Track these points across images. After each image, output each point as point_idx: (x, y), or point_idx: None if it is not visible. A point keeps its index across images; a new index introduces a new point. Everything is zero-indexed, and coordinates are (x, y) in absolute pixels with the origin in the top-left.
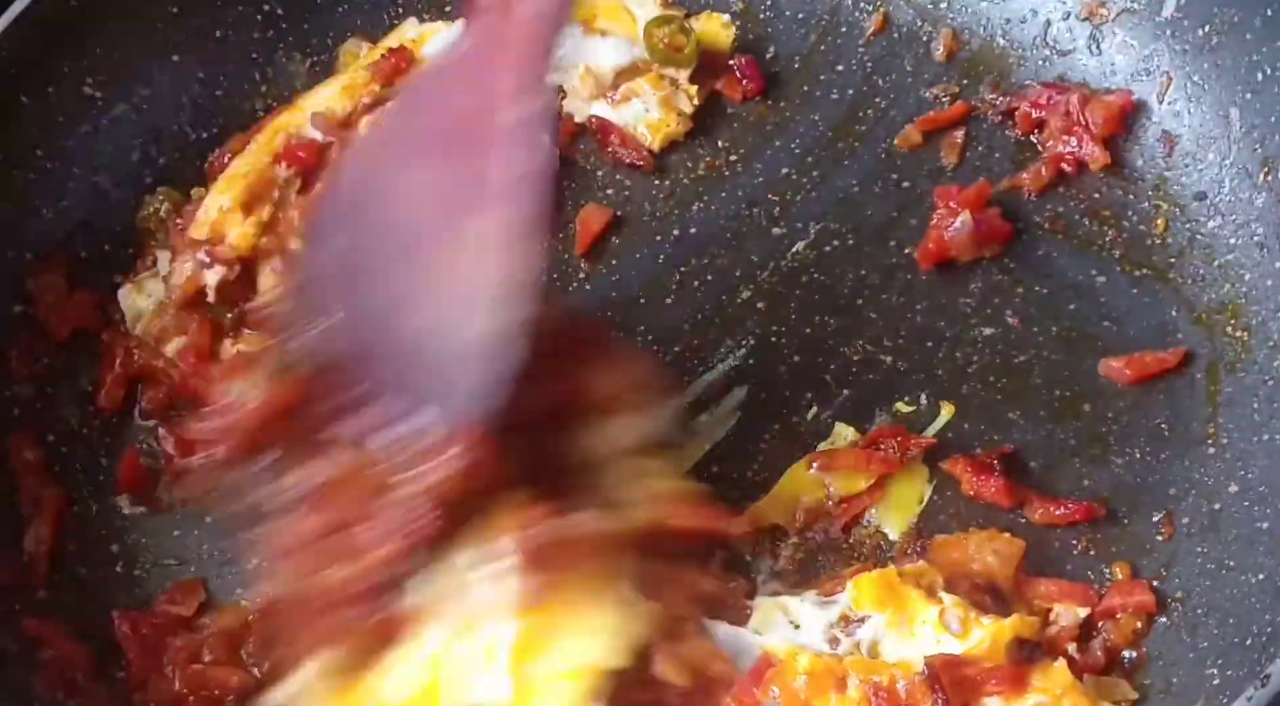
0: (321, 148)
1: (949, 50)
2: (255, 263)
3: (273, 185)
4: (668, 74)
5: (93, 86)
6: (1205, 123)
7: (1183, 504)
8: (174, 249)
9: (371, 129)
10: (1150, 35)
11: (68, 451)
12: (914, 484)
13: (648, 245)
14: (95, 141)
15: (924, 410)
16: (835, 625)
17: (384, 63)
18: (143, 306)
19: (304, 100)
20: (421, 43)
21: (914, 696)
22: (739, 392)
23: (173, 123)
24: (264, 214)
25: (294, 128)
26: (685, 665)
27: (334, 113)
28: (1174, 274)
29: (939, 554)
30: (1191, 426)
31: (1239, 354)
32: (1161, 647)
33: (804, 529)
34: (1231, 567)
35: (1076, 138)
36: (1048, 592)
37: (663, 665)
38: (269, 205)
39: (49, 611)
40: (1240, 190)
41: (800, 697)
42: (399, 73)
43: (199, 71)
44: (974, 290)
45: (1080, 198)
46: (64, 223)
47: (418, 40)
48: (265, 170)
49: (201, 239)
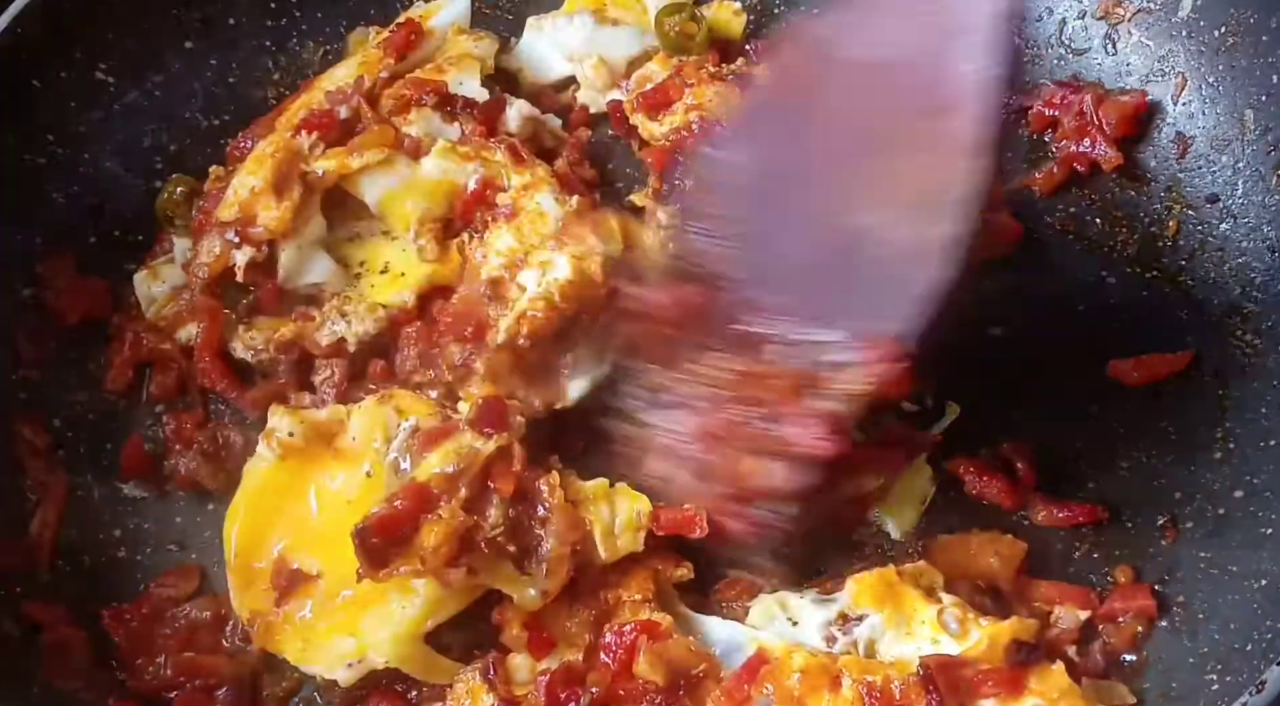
0: (339, 120)
1: None
2: (276, 244)
3: (299, 160)
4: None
5: (105, 72)
6: (1219, 124)
7: (1187, 508)
8: (196, 231)
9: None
10: (1166, 36)
11: (73, 436)
12: (917, 483)
13: None
14: (107, 127)
15: (929, 409)
16: (833, 623)
17: (395, 36)
18: (157, 292)
19: (322, 80)
20: (429, 16)
21: (909, 697)
22: None
23: (185, 109)
24: (295, 196)
25: (314, 105)
26: (664, 663)
27: (349, 88)
28: (1185, 276)
29: (940, 554)
30: (1199, 430)
31: (1248, 358)
32: (1161, 652)
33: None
34: (1234, 573)
35: (1089, 138)
36: (1048, 595)
37: (642, 663)
38: (299, 187)
39: (50, 596)
40: (1253, 193)
41: (794, 695)
42: (410, 46)
43: (211, 58)
44: (983, 290)
45: (1092, 198)
46: (75, 208)
47: (425, 15)
48: (290, 146)
49: (230, 220)
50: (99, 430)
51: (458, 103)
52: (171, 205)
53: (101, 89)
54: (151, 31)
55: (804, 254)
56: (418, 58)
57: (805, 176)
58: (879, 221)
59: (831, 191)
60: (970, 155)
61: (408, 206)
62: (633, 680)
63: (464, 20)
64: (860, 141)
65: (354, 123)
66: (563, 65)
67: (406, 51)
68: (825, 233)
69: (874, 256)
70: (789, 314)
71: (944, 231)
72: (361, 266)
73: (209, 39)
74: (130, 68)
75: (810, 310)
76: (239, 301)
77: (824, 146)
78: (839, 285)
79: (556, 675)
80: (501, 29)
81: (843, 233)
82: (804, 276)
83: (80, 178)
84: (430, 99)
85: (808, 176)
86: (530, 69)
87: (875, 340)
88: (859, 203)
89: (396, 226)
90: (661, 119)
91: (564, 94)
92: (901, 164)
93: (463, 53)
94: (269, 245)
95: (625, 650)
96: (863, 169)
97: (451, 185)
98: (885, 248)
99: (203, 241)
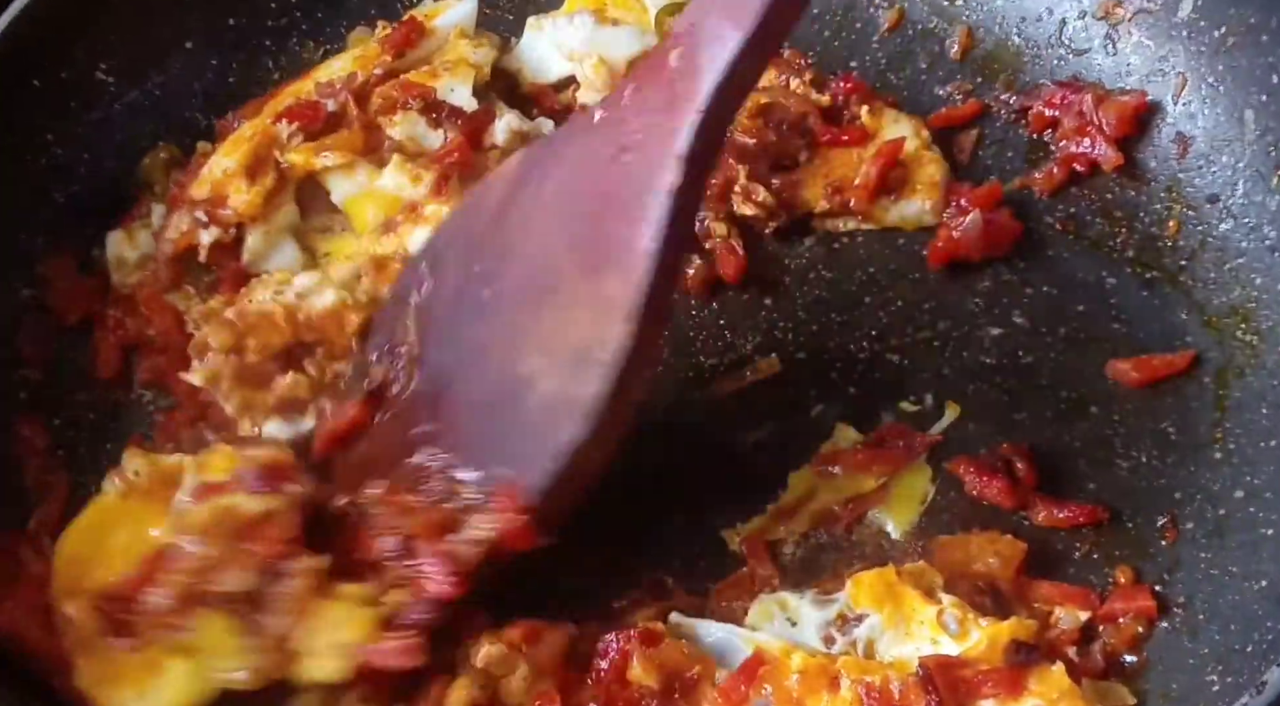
0: (325, 113)
1: (964, 48)
2: (245, 227)
3: (274, 146)
4: None
5: (106, 72)
6: (1219, 125)
7: (1187, 508)
8: (171, 203)
9: (513, 165)
10: (1166, 36)
11: (73, 436)
12: (917, 483)
13: None
14: (108, 127)
15: (929, 409)
16: (832, 623)
17: (395, 34)
18: (128, 255)
19: (317, 72)
20: (434, 16)
21: (908, 697)
22: None
23: (185, 109)
24: (268, 182)
25: (304, 94)
26: (658, 667)
27: (339, 83)
28: (1185, 277)
29: (940, 554)
30: (1199, 430)
31: (1248, 358)
32: (1161, 652)
33: (809, 530)
34: (1234, 573)
35: (1090, 138)
36: (1048, 595)
37: (636, 667)
38: (272, 173)
39: None
40: (1253, 193)
41: (793, 696)
42: (409, 44)
43: (212, 58)
44: (983, 290)
45: (1092, 198)
46: (75, 208)
47: (430, 14)
48: (269, 132)
49: (201, 198)
50: (99, 430)
51: (444, 110)
52: (153, 170)
53: (102, 89)
54: (152, 32)
55: (474, 393)
56: (416, 57)
57: (486, 313)
58: (538, 371)
59: (506, 333)
60: (621, 319)
61: (369, 212)
62: (628, 686)
63: (469, 23)
64: (536, 286)
65: (340, 117)
66: (563, 65)
67: (405, 49)
68: (495, 375)
69: (529, 406)
70: (451, 451)
71: (588, 391)
72: (325, 258)
73: (209, 39)
74: (131, 68)
75: (468, 451)
76: (202, 279)
77: (508, 285)
78: (497, 430)
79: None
80: (502, 29)
81: (509, 377)
82: (470, 416)
83: (80, 178)
84: (417, 103)
85: (488, 313)
86: (530, 69)
87: (504, 489)
88: (527, 349)
89: (358, 228)
90: None
91: (564, 94)
92: (566, 316)
93: (460, 58)
94: (237, 227)
95: (620, 655)
96: (534, 315)
97: (402, 200)
98: (536, 399)
99: (172, 216)
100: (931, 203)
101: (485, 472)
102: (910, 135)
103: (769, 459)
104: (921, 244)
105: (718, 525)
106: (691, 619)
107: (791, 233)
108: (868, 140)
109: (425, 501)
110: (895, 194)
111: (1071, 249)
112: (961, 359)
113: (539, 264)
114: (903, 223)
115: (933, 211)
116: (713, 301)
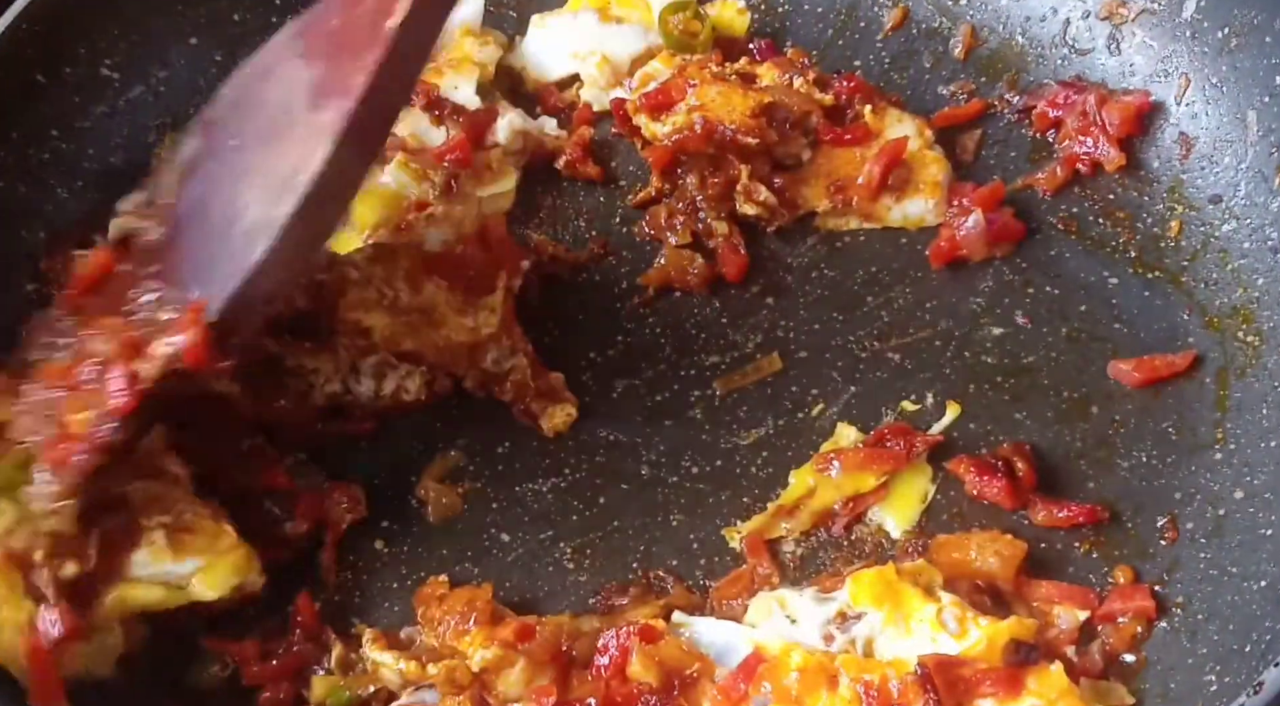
0: None
1: (967, 47)
2: None
3: None
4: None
5: (110, 68)
6: (1222, 125)
7: (1187, 508)
8: None
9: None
10: (1170, 36)
11: None
12: (918, 482)
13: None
14: (112, 123)
15: (930, 409)
16: (831, 621)
17: None
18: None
19: None
20: None
21: (906, 696)
22: None
23: (189, 105)
24: None
25: None
26: (657, 664)
27: None
28: (1186, 277)
29: (940, 553)
30: (1199, 431)
31: (1249, 359)
32: (1160, 652)
33: (809, 529)
34: (1234, 573)
35: (1093, 138)
36: (1048, 595)
37: (635, 664)
38: None
39: None
40: (1256, 194)
41: (792, 694)
42: None
43: (216, 54)
44: (984, 289)
45: (1095, 198)
46: (79, 203)
47: None
48: None
49: None
50: None
51: (446, 107)
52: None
53: (106, 85)
54: (156, 28)
55: (198, 230)
56: None
57: (227, 158)
58: (252, 201)
59: (236, 172)
60: (326, 142)
61: (371, 209)
62: (627, 683)
63: (475, 21)
64: (274, 129)
65: None
66: (566, 63)
67: None
68: (218, 211)
69: (235, 233)
70: (168, 284)
71: (281, 211)
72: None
73: (213, 35)
74: (135, 64)
75: (180, 281)
76: None
77: (249, 130)
78: (205, 258)
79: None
80: (506, 27)
81: (228, 211)
82: (189, 250)
83: (85, 173)
84: (420, 100)
85: (229, 158)
86: (534, 67)
87: (190, 307)
88: (247, 184)
89: (358, 224)
90: (664, 119)
91: (568, 92)
92: (286, 149)
93: (464, 55)
94: None
95: (619, 652)
96: (263, 154)
97: (407, 198)
98: (242, 225)
99: None
100: (934, 202)
101: (184, 296)
102: (913, 135)
103: (770, 457)
104: (924, 243)
105: (718, 523)
106: (691, 616)
107: (794, 232)
108: (870, 139)
109: (125, 325)
110: (898, 193)
111: (1073, 249)
112: (963, 358)
113: (279, 107)
114: (905, 222)
115: (935, 211)
116: (715, 300)
